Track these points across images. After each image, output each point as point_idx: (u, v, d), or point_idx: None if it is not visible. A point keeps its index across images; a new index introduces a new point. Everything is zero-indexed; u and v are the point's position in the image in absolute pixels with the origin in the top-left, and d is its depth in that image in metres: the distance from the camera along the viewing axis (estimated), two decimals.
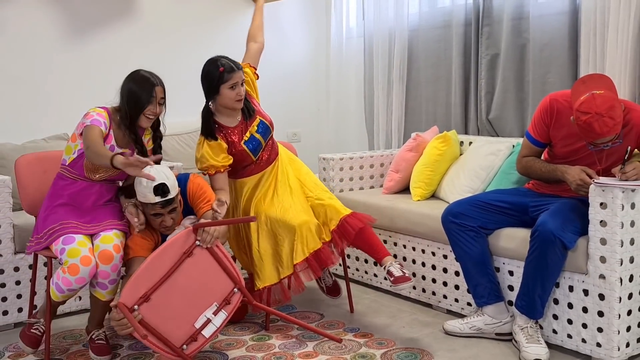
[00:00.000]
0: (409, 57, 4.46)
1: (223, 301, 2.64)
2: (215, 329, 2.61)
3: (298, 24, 5.15)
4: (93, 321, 2.84)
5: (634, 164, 2.66)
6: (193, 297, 2.58)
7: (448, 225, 3.04)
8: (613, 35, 3.22)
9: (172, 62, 4.56)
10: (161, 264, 2.54)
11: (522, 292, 2.80)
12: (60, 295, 2.63)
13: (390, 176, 3.92)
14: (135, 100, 2.77)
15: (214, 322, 2.60)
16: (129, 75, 2.83)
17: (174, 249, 2.58)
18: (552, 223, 2.66)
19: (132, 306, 2.49)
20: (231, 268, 2.67)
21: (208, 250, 2.63)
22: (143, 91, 2.77)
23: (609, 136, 2.63)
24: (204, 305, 2.59)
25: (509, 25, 3.79)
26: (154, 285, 2.52)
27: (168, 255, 2.56)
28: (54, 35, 4.09)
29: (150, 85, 2.78)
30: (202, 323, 2.57)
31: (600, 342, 2.65)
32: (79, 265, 2.58)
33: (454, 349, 2.87)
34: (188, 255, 2.58)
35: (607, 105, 2.58)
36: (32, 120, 3.98)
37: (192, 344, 2.57)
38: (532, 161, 3.00)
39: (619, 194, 2.56)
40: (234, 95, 3.09)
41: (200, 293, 2.59)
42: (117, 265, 2.66)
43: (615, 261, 2.58)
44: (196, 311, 2.58)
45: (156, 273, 2.53)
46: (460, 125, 4.14)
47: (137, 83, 2.78)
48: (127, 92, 2.78)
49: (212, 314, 2.60)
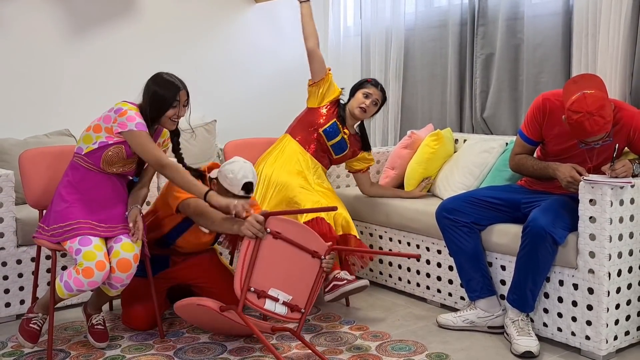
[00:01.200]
0: (405, 55, 4.52)
1: (293, 304, 2.71)
2: (273, 309, 2.66)
3: (296, 23, 5.15)
4: (93, 305, 2.91)
5: (623, 161, 2.72)
6: (289, 275, 2.69)
7: (442, 221, 3.10)
8: (604, 36, 3.29)
9: (173, 60, 4.59)
10: (303, 234, 2.73)
11: (513, 286, 2.86)
12: (68, 294, 2.67)
13: (386, 173, 3.98)
14: (159, 103, 2.80)
15: (277, 305, 2.67)
16: (152, 78, 2.87)
17: (314, 240, 2.77)
18: (543, 219, 2.73)
19: (266, 228, 2.64)
20: (314, 297, 2.76)
21: (319, 269, 2.77)
22: (167, 95, 2.80)
23: (599, 135, 2.69)
24: (287, 289, 2.69)
25: (503, 25, 3.85)
26: (283, 237, 2.67)
27: (309, 237, 2.76)
28: (55, 33, 4.13)
29: (175, 88, 2.82)
30: (273, 295, 2.66)
31: (589, 335, 2.72)
32: (93, 270, 2.62)
33: (447, 342, 2.93)
34: (312, 255, 2.76)
35: (597, 105, 2.64)
36: (34, 116, 4.03)
37: (254, 296, 2.62)
38: (525, 159, 3.06)
39: (607, 190, 2.63)
40: (361, 102, 3.50)
41: (293, 280, 2.71)
42: (132, 274, 2.73)
43: (604, 256, 2.65)
44: (281, 284, 2.67)
45: (295, 234, 2.71)
46: (455, 123, 4.20)
47: (162, 86, 2.82)
48: (151, 94, 2.81)
49: (282, 300, 2.67)
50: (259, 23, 4.99)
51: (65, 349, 2.88)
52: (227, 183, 2.84)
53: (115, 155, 2.79)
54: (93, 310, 2.92)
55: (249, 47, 4.94)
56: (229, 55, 4.87)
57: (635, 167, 2.74)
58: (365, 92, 3.50)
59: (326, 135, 3.50)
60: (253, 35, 4.96)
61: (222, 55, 4.82)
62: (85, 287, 2.64)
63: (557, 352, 2.81)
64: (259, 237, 2.62)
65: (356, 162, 3.67)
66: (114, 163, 2.82)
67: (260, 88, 5.02)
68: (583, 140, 2.77)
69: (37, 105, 4.08)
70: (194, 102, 3.99)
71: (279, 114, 4.93)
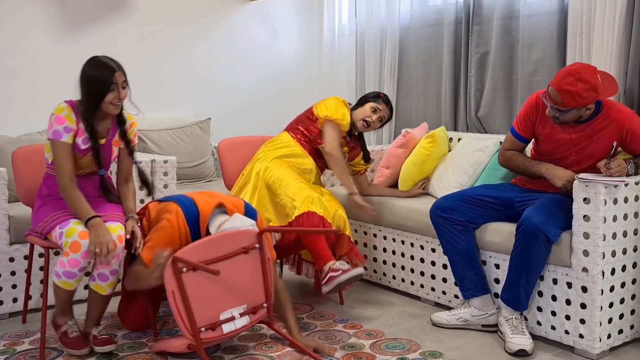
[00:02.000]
0: (400, 54, 4.52)
1: (251, 308, 2.67)
2: (234, 328, 2.61)
3: (290, 21, 5.20)
4: (91, 320, 2.82)
5: (618, 160, 2.73)
6: (230, 289, 2.60)
7: (436, 219, 3.10)
8: (599, 36, 3.29)
9: (166, 57, 4.59)
10: (220, 245, 2.58)
11: (507, 284, 2.87)
12: (74, 281, 2.64)
13: (380, 172, 3.98)
14: (96, 88, 2.68)
15: (236, 322, 2.61)
16: (86, 63, 2.74)
17: (236, 239, 2.62)
18: (536, 217, 2.73)
19: (181, 268, 2.48)
20: (270, 284, 2.72)
21: (262, 258, 2.68)
22: (103, 78, 2.67)
23: (561, 95, 2.73)
24: (236, 302, 2.62)
25: (498, 24, 3.86)
26: (206, 260, 2.51)
27: (229, 240, 2.60)
28: (48, 29, 4.12)
29: (110, 70, 2.68)
30: (226, 317, 2.58)
31: (583, 333, 2.73)
32: (79, 241, 2.59)
33: (441, 340, 2.94)
34: (245, 251, 2.64)
35: (581, 71, 2.72)
36: (27, 114, 4.01)
37: (209, 331, 2.55)
38: (515, 155, 3.08)
39: (601, 189, 2.63)
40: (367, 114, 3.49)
41: (238, 289, 2.62)
42: (119, 255, 2.68)
43: (598, 255, 2.66)
44: (227, 303, 2.60)
45: (212, 251, 2.55)
46: (450, 122, 4.20)
47: (96, 70, 2.69)
48: (86, 81, 2.70)
49: (238, 314, 2.62)
50: (254, 21, 4.99)
51: (59, 347, 2.87)
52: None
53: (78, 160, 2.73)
54: (91, 326, 2.81)
55: (243, 45, 4.94)
56: (224, 53, 4.86)
57: (629, 167, 2.75)
58: (374, 107, 3.49)
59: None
60: (248, 33, 4.96)
61: (216, 53, 4.82)
62: (82, 262, 2.60)
63: (550, 350, 2.82)
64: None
65: (353, 167, 3.66)
66: (78, 167, 2.75)
67: (255, 86, 5.01)
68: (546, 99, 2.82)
69: (30, 103, 4.06)
70: (187, 98, 3.98)
71: (273, 112, 4.94)
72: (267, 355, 2.77)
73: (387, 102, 3.56)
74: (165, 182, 3.51)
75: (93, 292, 2.75)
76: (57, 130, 2.69)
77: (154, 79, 4.54)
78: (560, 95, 2.75)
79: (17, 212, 3.23)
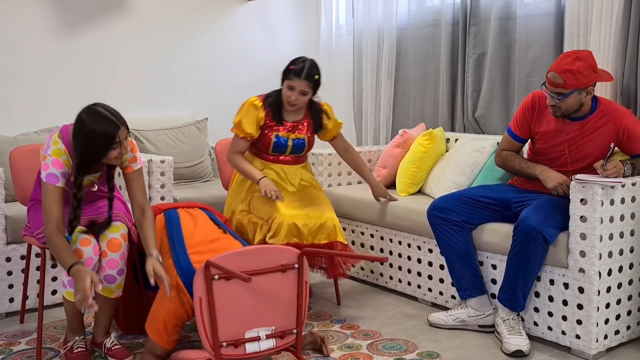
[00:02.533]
0: (398, 55, 4.52)
1: (279, 332, 2.47)
2: (258, 350, 2.42)
3: (288, 21, 5.19)
4: (100, 329, 2.74)
5: (614, 162, 2.74)
6: (260, 307, 2.42)
7: (433, 219, 3.11)
8: (596, 37, 3.30)
9: (163, 56, 4.59)
10: (258, 258, 2.41)
11: (504, 285, 2.87)
12: None
13: (377, 172, 3.98)
14: (96, 145, 2.47)
15: (261, 343, 2.43)
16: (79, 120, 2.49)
17: (275, 254, 2.46)
18: (534, 218, 2.73)
19: (214, 275, 2.33)
20: (303, 310, 2.52)
21: (299, 280, 2.49)
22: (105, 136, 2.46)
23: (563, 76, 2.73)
24: (264, 322, 2.44)
25: (496, 25, 3.86)
26: (241, 271, 2.32)
27: (268, 255, 2.45)
28: (45, 28, 4.11)
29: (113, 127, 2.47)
30: (251, 336, 2.41)
31: (580, 334, 2.73)
32: (80, 249, 2.55)
33: (438, 340, 2.94)
34: (282, 270, 2.45)
35: (580, 52, 2.75)
36: (23, 113, 4.01)
37: (231, 348, 2.38)
38: (512, 156, 3.09)
39: (598, 190, 2.64)
40: (286, 96, 3.20)
41: (268, 308, 2.44)
42: (124, 253, 2.65)
43: (595, 255, 2.66)
44: (254, 321, 2.42)
45: (248, 263, 2.39)
46: (447, 122, 4.20)
47: (97, 125, 2.45)
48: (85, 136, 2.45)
49: (264, 335, 2.43)
50: (251, 21, 4.98)
51: (55, 347, 2.87)
52: None
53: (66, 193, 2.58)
54: (101, 335, 2.74)
55: (241, 44, 4.93)
56: (221, 52, 4.85)
57: (626, 168, 2.75)
58: (289, 85, 3.18)
59: (278, 151, 3.30)
60: (245, 33, 4.95)
61: (214, 53, 4.81)
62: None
63: (547, 351, 2.82)
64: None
65: (326, 138, 3.48)
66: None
67: (252, 86, 4.97)
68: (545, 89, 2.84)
69: (27, 102, 4.05)
70: (185, 99, 3.98)
71: None
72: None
73: (300, 73, 3.15)
74: (162, 182, 3.50)
75: (101, 297, 2.65)
76: (53, 174, 2.51)
77: (151, 79, 4.53)
78: (561, 76, 2.75)
79: (14, 212, 3.22)
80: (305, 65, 3.18)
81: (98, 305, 2.64)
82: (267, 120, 3.25)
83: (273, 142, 3.25)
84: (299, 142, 3.30)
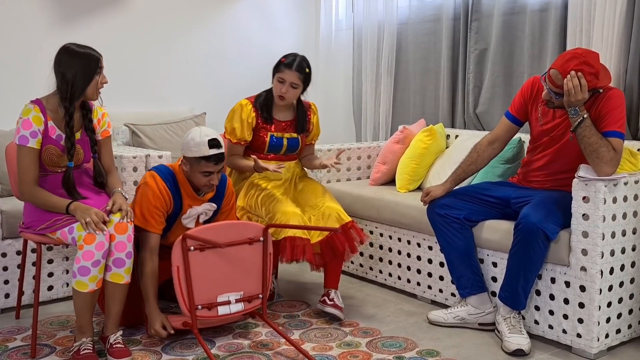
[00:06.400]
0: (398, 50, 4.49)
1: (247, 297, 2.79)
2: (228, 312, 2.73)
3: (287, 15, 5.15)
4: (109, 320, 2.70)
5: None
6: (230, 275, 2.74)
7: (433, 216, 3.08)
8: (599, 32, 3.27)
9: (161, 51, 4.55)
10: (228, 232, 2.72)
11: (505, 283, 2.84)
12: (87, 279, 2.53)
13: (377, 168, 3.95)
14: (84, 72, 2.67)
15: (231, 306, 2.74)
16: (63, 51, 2.72)
17: (243, 229, 2.77)
18: (535, 215, 2.71)
19: (190, 246, 2.64)
20: (267, 278, 2.84)
21: (264, 251, 2.80)
22: (92, 60, 2.69)
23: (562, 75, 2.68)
24: (233, 288, 2.75)
25: (499, 20, 3.83)
26: (214, 243, 2.68)
27: (237, 230, 2.75)
28: (41, 21, 4.07)
29: (96, 53, 2.72)
30: (223, 300, 2.72)
31: (581, 332, 2.71)
32: (93, 233, 2.54)
33: (438, 338, 2.91)
34: (249, 242, 2.77)
35: (588, 55, 2.69)
36: (18, 107, 3.93)
37: (205, 310, 2.69)
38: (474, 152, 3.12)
39: (601, 187, 2.61)
40: (278, 90, 3.19)
41: (238, 275, 2.75)
42: (131, 236, 2.64)
43: (597, 254, 2.64)
44: (225, 287, 2.73)
45: (220, 236, 2.70)
46: (447, 118, 4.17)
47: (82, 54, 2.69)
48: (70, 66, 2.67)
49: (234, 299, 2.75)
50: (249, 15, 4.94)
51: (51, 344, 2.84)
52: (195, 151, 2.77)
53: (52, 156, 2.69)
54: (110, 329, 2.70)
55: (239, 39, 4.90)
56: (220, 47, 4.82)
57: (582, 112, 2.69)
58: (279, 78, 3.18)
59: (273, 151, 3.30)
60: (243, 27, 4.92)
61: (211, 47, 4.77)
62: (96, 255, 2.52)
63: (548, 350, 2.80)
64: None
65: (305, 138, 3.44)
66: (57, 163, 2.70)
67: (250, 80, 4.95)
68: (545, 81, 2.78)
69: (23, 96, 4.00)
70: (183, 93, 3.94)
71: None
72: (262, 353, 2.75)
73: (291, 64, 3.17)
74: None
75: (110, 284, 2.64)
76: (23, 135, 2.64)
77: (148, 73, 4.49)
78: (562, 78, 2.71)
79: (10, 207, 3.18)
80: (297, 58, 3.22)
81: (107, 296, 2.68)
82: (258, 121, 3.27)
83: (268, 143, 3.26)
84: (293, 141, 3.32)
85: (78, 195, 2.73)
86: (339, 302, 3.12)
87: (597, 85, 2.72)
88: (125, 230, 2.64)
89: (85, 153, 2.80)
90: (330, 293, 3.13)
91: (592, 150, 2.66)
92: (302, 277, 3.78)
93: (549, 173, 2.97)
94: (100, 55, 2.74)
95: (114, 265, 2.63)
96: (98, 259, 2.55)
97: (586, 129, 2.68)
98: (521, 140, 3.41)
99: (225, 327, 3.01)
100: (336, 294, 3.14)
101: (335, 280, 3.18)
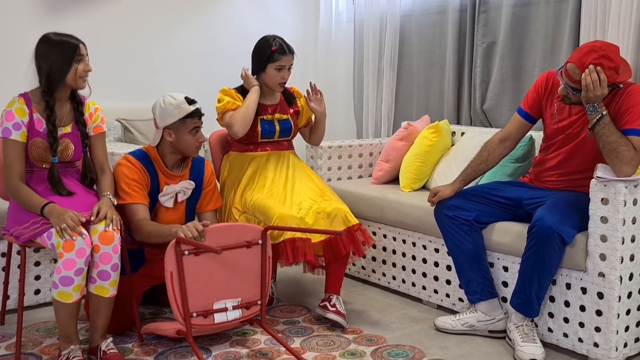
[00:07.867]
0: (401, 43, 4.37)
1: (245, 303, 2.62)
2: (225, 319, 2.57)
3: (285, 7, 5.03)
4: (96, 333, 2.57)
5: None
6: (227, 281, 2.58)
7: (441, 218, 2.93)
8: (614, 25, 3.14)
9: (155, 43, 4.44)
10: (224, 235, 2.57)
11: (518, 289, 2.70)
12: (71, 289, 2.37)
13: (379, 166, 3.81)
14: (61, 59, 2.58)
15: (228, 313, 2.58)
16: (41, 41, 2.65)
17: (241, 231, 2.62)
18: (550, 218, 2.57)
19: (184, 250, 2.47)
20: (267, 283, 2.68)
21: (262, 255, 2.64)
22: (70, 47, 2.60)
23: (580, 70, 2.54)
24: (230, 294, 2.59)
25: (508, 12, 3.69)
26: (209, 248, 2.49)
27: (234, 232, 2.60)
28: (30, 13, 3.94)
29: (75, 40, 2.64)
30: (219, 307, 2.56)
31: (598, 342, 2.57)
32: (72, 240, 2.38)
33: (446, 347, 2.77)
34: (247, 246, 2.61)
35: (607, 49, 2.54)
36: (6, 100, 3.80)
37: (200, 318, 2.53)
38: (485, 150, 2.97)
39: (621, 189, 2.46)
40: (279, 78, 3.13)
41: (234, 282, 2.59)
42: (117, 247, 2.48)
43: (616, 259, 2.49)
44: (222, 293, 2.57)
45: (215, 239, 2.54)
46: (453, 114, 4.04)
47: (59, 42, 2.61)
48: (48, 54, 2.59)
49: (231, 306, 2.58)
50: (246, 7, 4.83)
51: (37, 352, 2.69)
52: (175, 114, 2.80)
53: (39, 150, 2.59)
54: (98, 339, 2.57)
55: (236, 31, 4.77)
56: (216, 40, 4.70)
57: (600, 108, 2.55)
58: (278, 66, 3.12)
59: (266, 137, 3.19)
60: (239, 20, 4.79)
61: (207, 40, 4.65)
62: (78, 263, 2.37)
63: (562, 359, 2.66)
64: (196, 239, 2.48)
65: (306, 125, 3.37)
66: (44, 158, 2.60)
67: None
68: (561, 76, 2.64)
69: (10, 89, 3.85)
70: (176, 85, 3.78)
71: None
72: None
73: (284, 50, 3.14)
74: None
75: (94, 297, 2.50)
76: (6, 128, 2.57)
77: (141, 66, 4.36)
78: (580, 72, 2.56)
79: None
80: (281, 41, 3.20)
81: (91, 308, 2.54)
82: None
83: (260, 129, 3.15)
84: (285, 123, 3.21)
85: (64, 189, 2.61)
86: (341, 308, 2.97)
87: (617, 80, 2.57)
88: (111, 240, 2.48)
89: (76, 148, 2.67)
90: (332, 299, 2.98)
91: (611, 149, 2.52)
92: (301, 280, 3.64)
93: (563, 173, 2.83)
94: (81, 42, 2.65)
95: (99, 277, 2.48)
96: (81, 267, 2.39)
97: (605, 127, 2.54)
98: (532, 138, 3.26)
99: (221, 335, 2.87)
100: (338, 299, 2.99)
101: (337, 285, 3.03)
